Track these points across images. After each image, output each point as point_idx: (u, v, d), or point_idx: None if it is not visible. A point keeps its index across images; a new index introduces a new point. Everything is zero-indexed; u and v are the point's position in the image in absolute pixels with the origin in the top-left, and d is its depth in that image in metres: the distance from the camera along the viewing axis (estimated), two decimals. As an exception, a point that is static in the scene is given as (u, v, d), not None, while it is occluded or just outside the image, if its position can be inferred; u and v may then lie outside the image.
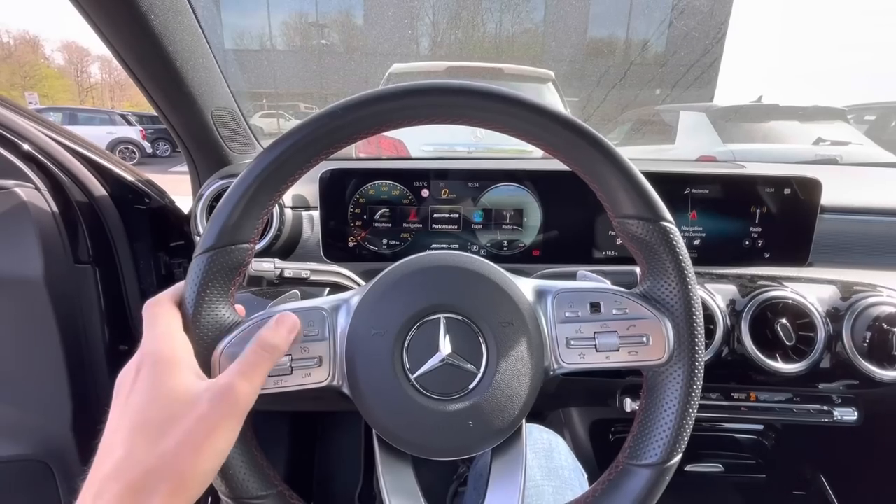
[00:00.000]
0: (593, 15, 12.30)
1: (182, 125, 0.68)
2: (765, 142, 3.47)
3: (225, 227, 0.39)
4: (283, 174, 0.40)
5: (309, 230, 0.77)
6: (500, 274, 0.43)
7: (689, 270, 0.41)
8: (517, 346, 0.40)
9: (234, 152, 0.79)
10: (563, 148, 0.42)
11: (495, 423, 0.40)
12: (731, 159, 3.41)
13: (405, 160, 0.92)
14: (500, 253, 0.76)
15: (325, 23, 13.21)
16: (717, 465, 0.92)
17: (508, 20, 12.93)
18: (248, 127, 0.83)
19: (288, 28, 13.46)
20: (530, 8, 12.71)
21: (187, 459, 0.29)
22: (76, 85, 29.92)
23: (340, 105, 0.40)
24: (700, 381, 0.41)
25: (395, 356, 0.39)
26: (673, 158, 3.71)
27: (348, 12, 13.18)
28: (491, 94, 0.40)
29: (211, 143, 0.71)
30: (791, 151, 3.32)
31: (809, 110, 3.52)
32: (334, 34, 13.44)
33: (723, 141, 3.48)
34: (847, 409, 0.70)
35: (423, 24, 13.26)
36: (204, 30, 0.63)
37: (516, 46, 12.87)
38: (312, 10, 13.02)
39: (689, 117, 3.84)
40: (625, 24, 12.18)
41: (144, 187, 0.90)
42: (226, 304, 0.41)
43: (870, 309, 0.65)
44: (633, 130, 4.78)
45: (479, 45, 13.10)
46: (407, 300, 0.41)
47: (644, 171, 0.75)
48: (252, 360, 0.35)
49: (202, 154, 0.74)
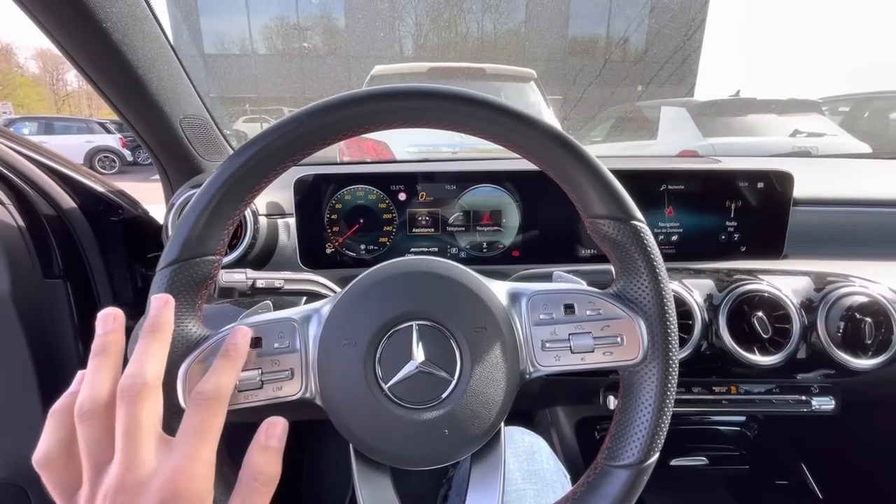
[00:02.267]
0: (573, 14, 12.41)
1: (149, 134, 0.66)
2: (744, 135, 3.54)
3: (188, 240, 0.38)
4: (248, 183, 0.40)
5: (285, 237, 0.76)
6: (473, 278, 0.43)
7: (661, 269, 0.41)
8: (491, 352, 0.40)
9: (207, 160, 0.77)
10: (533, 149, 0.42)
11: (471, 430, 0.39)
12: (712, 153, 3.49)
13: (382, 163, 0.91)
14: (479, 254, 0.76)
15: (306, 26, 13.12)
16: (702, 458, 0.93)
17: (490, 21, 12.98)
18: (220, 134, 0.82)
19: (269, 31, 13.33)
20: (511, 8, 12.76)
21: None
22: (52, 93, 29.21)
23: (305, 111, 0.39)
24: (675, 379, 0.41)
25: (367, 366, 0.39)
26: (654, 154, 3.76)
27: (329, 15, 13.10)
28: (458, 96, 0.40)
29: (181, 152, 0.70)
30: (769, 144, 3.39)
31: (785, 103, 3.60)
32: (316, 37, 13.35)
33: (703, 135, 3.54)
34: (824, 399, 0.71)
35: (405, 25, 13.23)
36: (168, 36, 0.61)
37: (499, 46, 12.92)
38: (293, 14, 12.92)
39: (670, 112, 3.90)
40: (604, 23, 12.31)
41: (116, 198, 0.88)
42: (193, 318, 0.40)
43: (843, 299, 0.67)
44: (615, 127, 4.84)
45: (462, 45, 13.13)
46: (378, 309, 0.40)
47: (620, 169, 0.76)
48: (251, 499, 0.30)
49: (173, 163, 0.73)
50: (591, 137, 5.11)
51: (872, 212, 0.82)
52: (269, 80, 12.74)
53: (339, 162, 0.92)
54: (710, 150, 3.41)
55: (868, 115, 4.06)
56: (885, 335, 0.65)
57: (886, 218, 0.82)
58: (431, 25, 13.19)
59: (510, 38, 12.97)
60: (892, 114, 3.91)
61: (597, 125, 5.24)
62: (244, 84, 12.75)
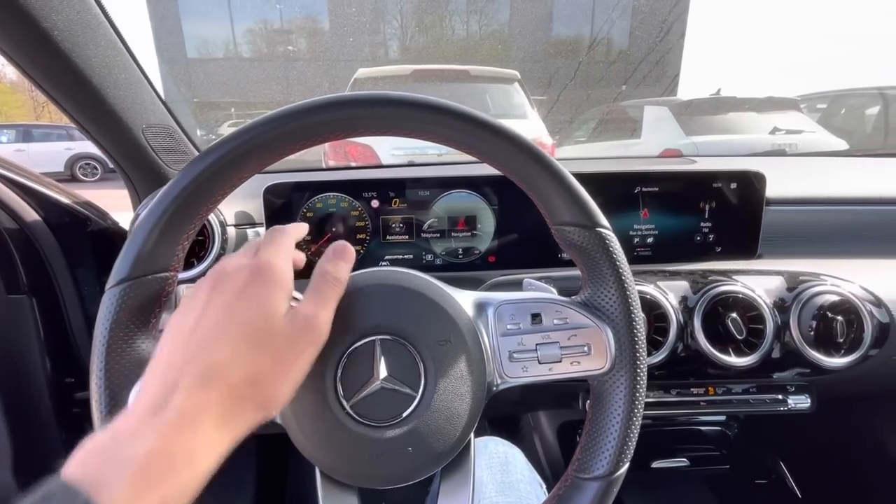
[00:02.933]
0: (556, 14, 12.49)
1: (111, 144, 0.64)
2: (725, 133, 3.59)
3: (139, 256, 0.36)
4: (203, 196, 0.38)
5: (256, 248, 0.74)
6: (438, 289, 0.42)
7: (628, 276, 0.41)
8: (456, 365, 0.39)
9: (174, 168, 0.75)
10: (496, 156, 0.41)
11: (436, 447, 0.38)
12: (694, 151, 3.53)
13: (354, 170, 0.90)
14: (455, 261, 0.75)
15: (290, 29, 13.02)
16: (683, 459, 0.93)
17: (475, 22, 13.01)
18: (189, 141, 0.80)
19: (253, 35, 13.21)
20: (496, 9, 12.81)
21: (276, 378, 0.30)
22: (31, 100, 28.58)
23: (261, 121, 0.38)
24: (643, 388, 0.41)
25: (328, 385, 0.37)
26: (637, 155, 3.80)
27: (313, 18, 13.01)
28: (418, 104, 0.39)
29: (146, 161, 0.68)
30: (750, 141, 3.44)
31: (764, 101, 3.66)
32: (300, 40, 13.26)
33: (685, 134, 3.58)
34: (800, 397, 0.71)
35: (390, 27, 13.21)
36: (127, 43, 0.59)
37: (484, 47, 12.95)
38: (277, 17, 12.82)
39: (653, 112, 3.94)
40: (588, 23, 12.42)
41: (83, 210, 0.86)
42: (146, 338, 0.38)
43: (815, 298, 0.67)
44: (599, 126, 4.88)
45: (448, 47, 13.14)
46: (338, 324, 0.39)
47: (594, 172, 0.76)
48: (324, 293, 0.35)
49: (138, 173, 0.71)
50: (576, 137, 5.15)
51: (845, 210, 0.83)
52: (254, 83, 12.62)
53: (309, 169, 0.90)
54: (693, 148, 3.45)
55: (844, 112, 4.15)
56: (856, 333, 0.66)
57: (859, 216, 0.83)
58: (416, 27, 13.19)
59: (495, 39, 13.02)
60: (868, 110, 4.00)
61: (581, 125, 5.28)
62: (229, 88, 12.61)
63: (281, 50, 13.04)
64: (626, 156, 4.00)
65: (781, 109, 3.61)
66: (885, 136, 3.70)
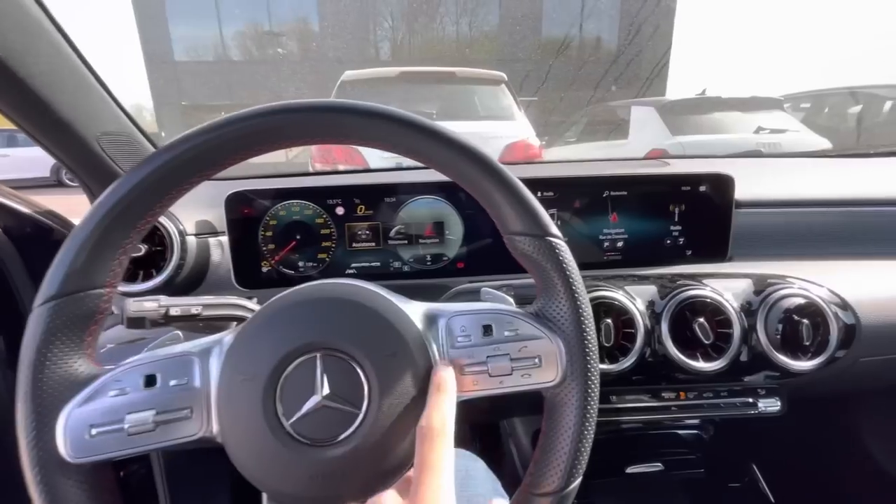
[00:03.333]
0: (546, 16, 12.55)
1: (65, 154, 0.62)
2: (711, 132, 3.61)
3: (70, 273, 0.35)
4: (140, 209, 0.37)
5: (218, 257, 0.73)
6: (384, 301, 0.41)
7: (579, 286, 0.40)
8: (402, 381, 0.38)
9: (135, 178, 0.73)
10: (447, 164, 0.40)
11: (382, 466, 0.37)
12: (681, 151, 3.54)
13: (317, 175, 0.89)
14: (424, 267, 0.74)
15: (280, 31, 12.95)
16: (658, 464, 0.92)
17: (465, 23, 13.02)
18: (153, 147, 0.78)
19: (243, 38, 13.12)
20: (486, 11, 12.83)
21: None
22: (17, 104, 28.19)
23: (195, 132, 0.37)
24: (595, 401, 0.40)
25: (266, 403, 0.36)
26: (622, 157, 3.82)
27: (303, 19, 12.96)
28: (367, 111, 0.38)
29: (104, 171, 0.66)
30: (734, 140, 3.47)
31: (749, 101, 3.69)
32: (290, 42, 13.19)
33: (672, 134, 3.60)
34: (770, 400, 0.71)
35: (381, 28, 13.19)
36: (78, 50, 0.58)
37: (474, 49, 12.97)
38: (265, 19, 12.74)
39: (639, 112, 3.96)
40: (577, 24, 12.48)
41: (45, 219, 0.84)
42: (79, 357, 0.37)
43: (781, 301, 0.67)
44: (588, 127, 4.90)
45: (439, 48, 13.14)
46: (279, 340, 0.38)
47: (562, 177, 0.75)
48: None
49: (97, 183, 0.69)
50: (566, 138, 5.17)
51: (816, 212, 0.83)
52: (245, 86, 12.54)
53: (273, 175, 0.89)
54: (679, 148, 3.47)
55: (828, 111, 4.20)
56: (823, 336, 0.66)
57: (830, 217, 0.83)
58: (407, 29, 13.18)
59: (485, 40, 13.04)
60: (850, 109, 4.05)
61: (571, 126, 5.29)
62: (218, 91, 12.52)
63: (271, 52, 12.97)
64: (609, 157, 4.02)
65: (765, 109, 3.64)
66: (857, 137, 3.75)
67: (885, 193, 0.84)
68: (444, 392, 0.37)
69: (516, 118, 3.46)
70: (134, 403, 0.36)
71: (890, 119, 3.57)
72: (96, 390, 0.37)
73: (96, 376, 0.37)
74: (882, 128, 3.63)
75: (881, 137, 3.81)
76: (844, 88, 4.14)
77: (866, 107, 3.87)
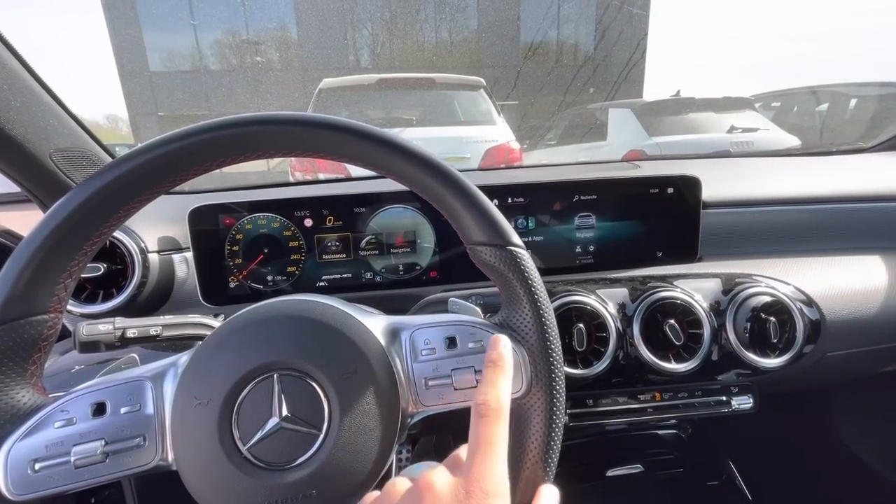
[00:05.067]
0: (524, 21, 12.71)
1: (17, 173, 0.60)
2: (686, 133, 3.69)
3: (9, 300, 0.33)
4: (85, 231, 0.35)
5: (184, 274, 0.71)
6: (343, 317, 0.40)
7: (542, 295, 0.40)
8: (363, 398, 0.37)
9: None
10: (407, 176, 0.40)
11: (343, 488, 0.36)
12: (657, 152, 3.59)
13: (285, 186, 0.87)
14: (397, 277, 0.73)
15: (257, 39, 12.83)
16: (638, 465, 0.93)
17: (445, 29, 13.10)
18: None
19: (220, 46, 12.96)
20: (465, 17, 12.93)
21: None
22: (-15, 118, 27.31)
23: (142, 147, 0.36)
24: (562, 409, 0.39)
25: (222, 428, 0.35)
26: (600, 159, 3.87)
27: (282, 27, 12.87)
28: (322, 123, 0.37)
29: (58, 188, 0.64)
30: (709, 140, 3.54)
31: (721, 101, 3.79)
32: (269, 51, 13.08)
33: (649, 135, 3.67)
34: (743, 398, 0.72)
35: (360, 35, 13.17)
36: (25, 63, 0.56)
37: (454, 54, 13.04)
38: (243, 28, 12.62)
39: (617, 114, 4.02)
40: (555, 28, 12.66)
41: (2, 240, 0.81)
42: (21, 387, 0.35)
43: (748, 300, 0.68)
44: (568, 130, 4.95)
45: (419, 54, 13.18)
46: (234, 361, 0.36)
47: (532, 183, 0.75)
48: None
49: (52, 200, 0.66)
50: (546, 141, 5.22)
51: (782, 210, 0.85)
52: (223, 95, 12.38)
53: (237, 188, 0.87)
54: (656, 148, 3.53)
55: (796, 109, 4.33)
56: (790, 333, 0.67)
57: (796, 215, 0.84)
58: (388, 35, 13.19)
59: (465, 45, 13.13)
60: (818, 107, 4.18)
61: (550, 129, 5.35)
62: (196, 100, 12.33)
63: (249, 60, 12.83)
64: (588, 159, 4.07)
65: (737, 109, 3.73)
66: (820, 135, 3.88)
67: (847, 190, 0.86)
68: (500, 368, 0.36)
69: (496, 122, 3.49)
70: (81, 434, 0.35)
71: (854, 117, 3.70)
72: (40, 421, 0.35)
73: (40, 407, 0.36)
74: (847, 125, 3.75)
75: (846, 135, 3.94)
76: (812, 87, 4.28)
77: (832, 105, 4.00)
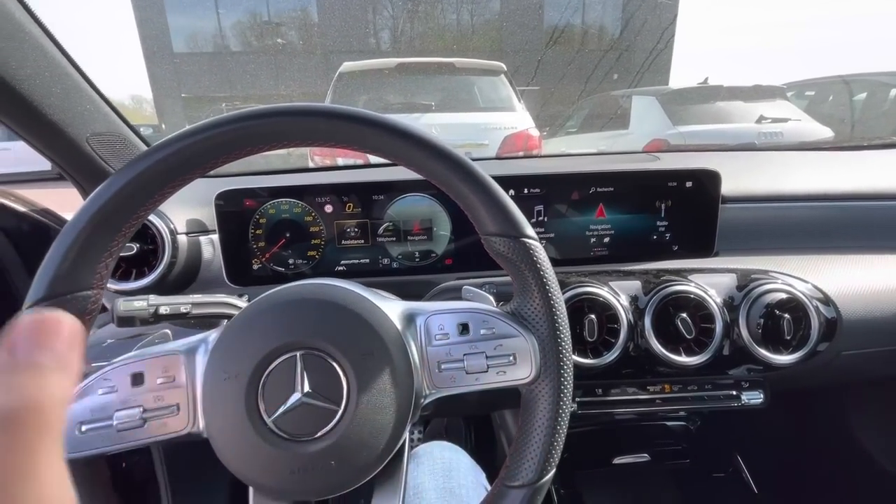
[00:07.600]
0: (548, 4, 12.38)
1: (56, 156, 0.63)
2: (712, 122, 3.58)
3: (57, 277, 0.36)
4: (124, 213, 0.38)
5: (210, 255, 0.74)
6: (363, 302, 0.42)
7: (553, 286, 0.41)
8: (380, 378, 0.39)
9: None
10: (423, 166, 0.41)
11: (360, 461, 0.39)
12: (681, 141, 3.50)
13: (308, 172, 0.89)
14: (413, 264, 0.75)
15: (278, 21, 12.84)
16: (644, 454, 0.94)
17: (467, 12, 12.87)
18: (145, 146, 0.79)
19: (242, 28, 13.02)
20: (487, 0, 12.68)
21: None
22: (18, 97, 28.12)
23: (178, 135, 0.38)
24: (568, 397, 0.41)
25: (248, 401, 0.38)
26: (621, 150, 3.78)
27: (303, 9, 12.84)
28: (343, 115, 0.39)
29: (95, 171, 0.67)
30: (736, 130, 3.43)
31: (751, 90, 3.65)
32: (290, 32, 13.08)
33: (673, 124, 3.57)
34: (753, 393, 0.72)
35: (381, 18, 13.05)
36: (64, 50, 0.58)
37: (476, 39, 12.83)
38: (264, 9, 12.62)
39: (641, 102, 3.92)
40: (580, 12, 12.31)
41: (42, 218, 0.85)
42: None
43: (763, 296, 0.67)
44: (590, 117, 4.85)
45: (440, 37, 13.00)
46: (260, 340, 0.39)
47: (549, 174, 0.75)
48: None
49: (90, 183, 0.70)
50: (567, 128, 5.13)
51: (802, 206, 0.83)
52: (244, 77, 12.47)
53: (263, 172, 0.90)
54: (680, 138, 3.44)
55: (832, 99, 4.14)
56: (804, 330, 0.67)
57: (816, 212, 0.83)
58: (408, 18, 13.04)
59: (487, 29, 12.89)
60: (855, 97, 3.99)
61: (572, 116, 5.25)
62: (218, 82, 12.46)
63: (270, 43, 12.86)
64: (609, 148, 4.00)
65: (768, 98, 3.60)
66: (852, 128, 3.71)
67: (873, 187, 0.84)
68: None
69: (516, 109, 3.44)
70: (122, 401, 0.38)
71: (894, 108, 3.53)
72: (86, 388, 0.38)
73: (86, 375, 0.39)
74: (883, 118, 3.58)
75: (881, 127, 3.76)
76: (850, 76, 4.08)
77: (870, 95, 3.82)
